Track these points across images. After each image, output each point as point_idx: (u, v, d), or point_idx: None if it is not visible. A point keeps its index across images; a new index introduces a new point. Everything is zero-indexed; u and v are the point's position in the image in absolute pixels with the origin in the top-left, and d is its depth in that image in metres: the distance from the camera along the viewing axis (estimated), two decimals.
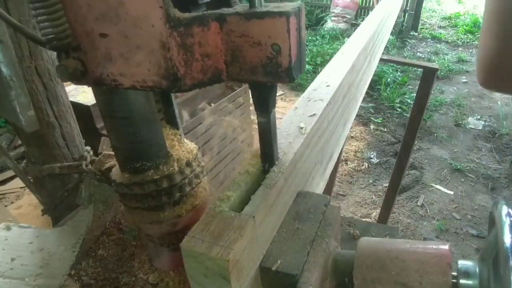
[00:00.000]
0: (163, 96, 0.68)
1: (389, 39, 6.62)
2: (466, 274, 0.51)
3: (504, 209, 0.49)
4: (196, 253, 0.46)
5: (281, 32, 0.44)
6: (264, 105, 0.54)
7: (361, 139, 4.44)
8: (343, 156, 3.99)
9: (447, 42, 7.44)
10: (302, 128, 0.74)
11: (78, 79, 0.53)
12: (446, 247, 0.53)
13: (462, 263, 0.52)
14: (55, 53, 0.56)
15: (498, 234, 0.46)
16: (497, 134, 4.45)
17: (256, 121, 0.57)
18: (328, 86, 0.94)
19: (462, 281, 0.50)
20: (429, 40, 7.52)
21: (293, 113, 0.81)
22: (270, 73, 0.47)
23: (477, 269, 0.51)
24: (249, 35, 0.46)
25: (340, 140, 1.14)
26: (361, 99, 1.48)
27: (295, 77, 0.47)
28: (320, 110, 0.82)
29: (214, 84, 0.49)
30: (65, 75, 0.51)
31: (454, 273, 0.51)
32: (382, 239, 0.62)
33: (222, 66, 0.49)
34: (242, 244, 0.47)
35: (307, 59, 6.10)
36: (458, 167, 3.91)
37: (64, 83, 1.22)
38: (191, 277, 0.49)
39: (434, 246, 0.54)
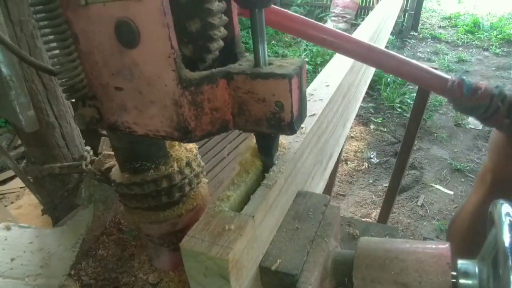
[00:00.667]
0: None
1: (389, 39, 6.62)
2: (466, 274, 0.50)
3: (504, 209, 0.49)
4: (195, 253, 0.46)
5: (284, 91, 0.48)
6: (268, 150, 0.58)
7: (361, 139, 4.44)
8: (343, 156, 3.99)
9: (447, 42, 7.44)
10: (302, 128, 0.74)
11: (94, 125, 0.56)
12: (446, 246, 0.53)
13: (462, 262, 0.52)
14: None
15: (498, 233, 0.46)
16: None
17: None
18: (327, 86, 0.95)
19: (461, 281, 0.50)
20: (429, 40, 7.52)
21: None
22: (273, 126, 0.51)
23: (476, 269, 0.51)
24: (254, 92, 0.49)
25: (340, 140, 1.14)
26: (361, 99, 1.48)
27: (297, 129, 0.51)
28: (320, 110, 0.82)
29: (222, 133, 0.54)
30: (82, 124, 0.55)
31: (454, 273, 0.51)
32: (382, 239, 0.62)
33: (229, 117, 0.53)
34: (241, 243, 0.47)
35: (307, 59, 6.12)
36: (458, 167, 3.91)
37: None
38: (191, 277, 0.49)
39: (433, 246, 0.54)
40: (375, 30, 1.52)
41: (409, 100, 5.00)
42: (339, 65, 1.09)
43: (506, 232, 0.45)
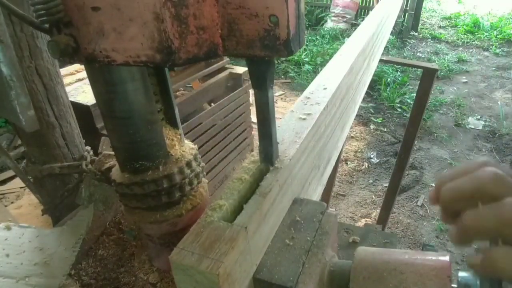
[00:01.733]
0: (164, 96, 0.68)
1: (389, 39, 6.62)
2: (467, 286, 0.49)
3: None
4: (185, 266, 0.44)
5: (279, 2, 0.42)
6: (262, 81, 0.52)
7: (361, 139, 4.44)
8: (343, 156, 3.99)
9: (447, 42, 7.44)
10: (297, 133, 0.72)
11: (70, 56, 0.51)
12: (446, 258, 0.52)
13: (462, 275, 0.50)
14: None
15: None
16: (497, 134, 4.45)
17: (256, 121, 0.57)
18: (325, 89, 0.92)
19: None
20: (429, 40, 7.52)
21: (289, 116, 0.80)
22: (267, 47, 0.45)
23: (478, 282, 0.49)
24: (246, 7, 0.44)
25: (338, 143, 1.12)
26: (360, 101, 1.46)
27: (294, 50, 0.45)
28: (317, 114, 0.80)
29: (210, 59, 0.48)
30: (56, 51, 0.49)
31: (454, 285, 0.50)
32: (380, 249, 0.60)
33: (218, 40, 0.47)
34: (233, 256, 0.45)
35: (307, 59, 6.11)
36: None
37: (64, 84, 1.22)
38: None
39: (433, 258, 0.53)
40: (375, 30, 1.52)
41: (409, 100, 5.00)
42: (337, 67, 1.07)
43: None
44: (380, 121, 4.78)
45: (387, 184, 2.98)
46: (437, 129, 4.60)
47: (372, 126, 4.69)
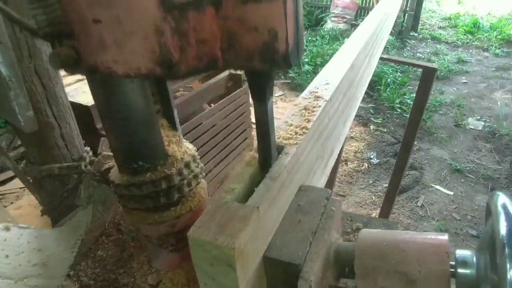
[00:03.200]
0: (162, 97, 0.68)
1: (389, 39, 6.62)
2: (464, 263, 0.52)
3: (500, 199, 0.50)
4: (203, 242, 0.47)
5: (278, 16, 0.43)
6: (261, 93, 0.53)
7: (361, 139, 4.44)
8: (343, 157, 3.99)
9: (447, 42, 7.44)
10: (306, 120, 0.76)
11: (71, 67, 0.51)
12: (444, 237, 0.54)
13: (460, 252, 0.53)
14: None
15: (494, 223, 0.47)
16: (497, 135, 4.45)
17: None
18: (328, 84, 0.95)
19: (460, 270, 0.51)
20: (429, 40, 7.52)
21: (295, 109, 0.82)
22: (267, 60, 0.46)
23: (474, 259, 0.52)
24: (245, 20, 0.45)
25: (340, 137, 1.15)
26: (360, 98, 1.48)
27: (292, 63, 0.46)
28: (321, 108, 0.83)
29: (210, 71, 0.49)
30: (57, 63, 0.50)
31: (452, 263, 0.52)
32: (382, 230, 0.63)
33: (218, 53, 0.48)
34: (247, 233, 0.48)
35: (307, 60, 6.11)
36: (458, 167, 3.91)
37: (64, 85, 1.21)
38: (198, 266, 0.50)
39: (433, 237, 0.56)
40: (374, 30, 1.52)
41: (409, 101, 5.00)
42: (340, 63, 1.09)
43: (503, 222, 0.46)
44: (380, 121, 4.78)
45: (387, 185, 2.98)
46: (437, 129, 4.60)
47: (372, 127, 4.68)
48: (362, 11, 7.84)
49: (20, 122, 0.98)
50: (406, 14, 7.46)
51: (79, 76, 2.28)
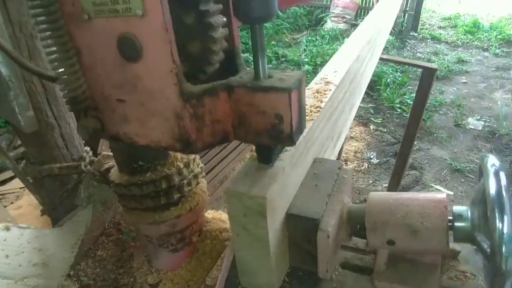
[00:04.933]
0: None
1: (389, 39, 6.63)
2: (460, 217, 0.60)
3: (490, 160, 0.57)
4: (239, 193, 0.53)
5: (284, 104, 0.49)
6: (267, 159, 0.59)
7: (361, 139, 4.44)
8: (343, 157, 3.99)
9: (446, 42, 7.44)
10: (321, 98, 0.86)
11: (97, 136, 0.57)
12: (443, 195, 0.63)
13: (457, 208, 0.61)
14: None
15: (485, 182, 0.54)
16: (497, 135, 4.45)
17: None
18: (336, 72, 1.04)
19: (456, 223, 0.60)
20: (428, 40, 7.52)
21: (307, 93, 0.91)
22: (273, 137, 0.52)
23: (469, 213, 0.60)
24: (255, 105, 0.51)
25: (347, 122, 1.27)
26: (364, 88, 1.60)
27: (296, 140, 0.53)
28: (332, 90, 0.91)
29: (223, 143, 0.55)
30: (86, 135, 0.56)
31: (450, 217, 0.60)
32: (389, 192, 0.71)
33: (230, 129, 0.54)
34: (275, 188, 0.55)
35: (307, 60, 6.12)
36: (458, 167, 3.91)
37: None
38: (232, 217, 0.57)
39: (433, 195, 0.64)
40: (374, 30, 1.52)
41: (409, 101, 5.00)
42: (346, 55, 1.20)
43: (492, 180, 0.53)
44: (380, 121, 4.78)
45: (387, 185, 2.98)
46: (437, 129, 4.60)
47: (372, 127, 4.68)
48: (362, 11, 7.84)
49: (20, 122, 0.98)
50: (406, 14, 7.45)
51: None
